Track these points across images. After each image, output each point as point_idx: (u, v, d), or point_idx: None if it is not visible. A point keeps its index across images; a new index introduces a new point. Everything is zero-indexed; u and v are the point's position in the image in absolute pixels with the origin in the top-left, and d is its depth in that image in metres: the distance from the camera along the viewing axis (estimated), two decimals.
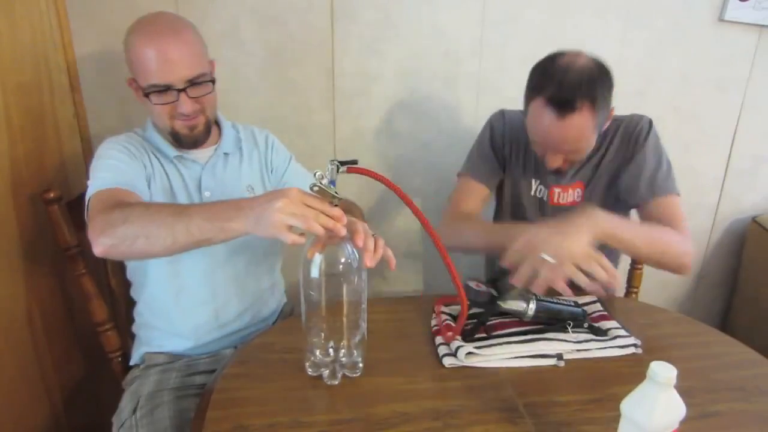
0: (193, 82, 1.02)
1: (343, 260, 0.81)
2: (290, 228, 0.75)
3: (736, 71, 1.68)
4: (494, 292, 0.98)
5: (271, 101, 1.51)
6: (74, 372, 1.37)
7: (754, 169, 1.81)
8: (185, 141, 1.08)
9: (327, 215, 0.75)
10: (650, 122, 1.19)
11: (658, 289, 1.91)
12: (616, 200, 1.24)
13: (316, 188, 0.77)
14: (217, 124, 1.18)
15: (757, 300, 1.79)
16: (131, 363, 1.18)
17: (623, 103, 1.30)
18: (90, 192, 0.98)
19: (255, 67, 1.47)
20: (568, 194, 1.25)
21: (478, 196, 1.29)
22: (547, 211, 1.28)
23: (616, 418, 0.67)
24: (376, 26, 1.49)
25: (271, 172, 1.23)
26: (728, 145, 1.77)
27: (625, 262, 1.45)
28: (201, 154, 1.13)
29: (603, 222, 0.99)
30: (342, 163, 0.80)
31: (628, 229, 1.04)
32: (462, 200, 1.29)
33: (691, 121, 1.71)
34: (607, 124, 1.14)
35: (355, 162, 0.82)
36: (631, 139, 1.19)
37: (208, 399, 0.83)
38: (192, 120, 1.06)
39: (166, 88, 1.01)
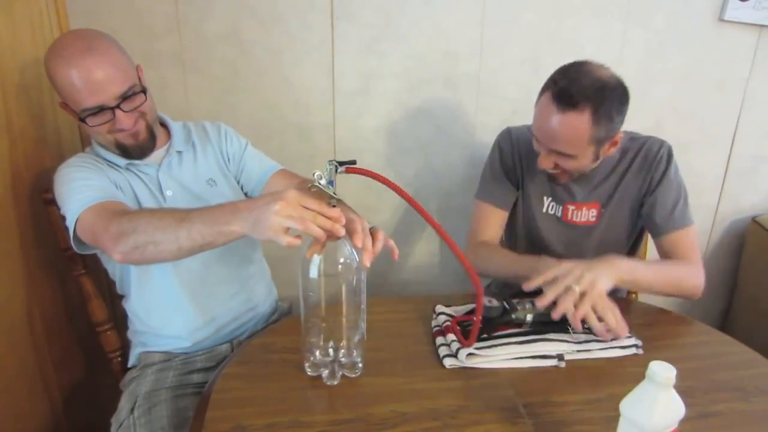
0: (125, 97, 1.00)
1: (342, 260, 0.81)
2: (287, 230, 0.75)
3: (736, 71, 1.68)
4: (506, 305, 0.99)
5: (271, 101, 1.51)
6: (74, 372, 1.37)
7: (754, 169, 1.81)
8: (133, 152, 1.07)
9: (325, 216, 0.75)
10: (670, 150, 1.20)
11: None
12: (636, 223, 1.26)
13: (314, 189, 0.77)
14: (164, 125, 1.18)
15: (757, 300, 1.79)
16: (129, 365, 1.18)
17: None
18: (75, 213, 0.97)
19: (255, 67, 1.47)
20: (582, 213, 1.25)
21: (498, 222, 1.31)
22: (561, 228, 1.28)
23: (616, 418, 0.67)
24: (376, 26, 1.49)
25: (229, 161, 1.22)
26: (728, 145, 1.77)
27: None
28: (153, 156, 1.12)
29: (624, 269, 1.04)
30: (340, 164, 0.80)
31: (645, 273, 1.09)
32: (483, 228, 1.30)
33: (691, 121, 1.71)
34: (612, 150, 1.13)
35: (353, 162, 0.81)
36: (652, 165, 1.19)
37: (208, 399, 0.83)
38: (133, 129, 1.04)
39: (99, 109, 0.99)
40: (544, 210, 1.28)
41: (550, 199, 1.27)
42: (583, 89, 1.02)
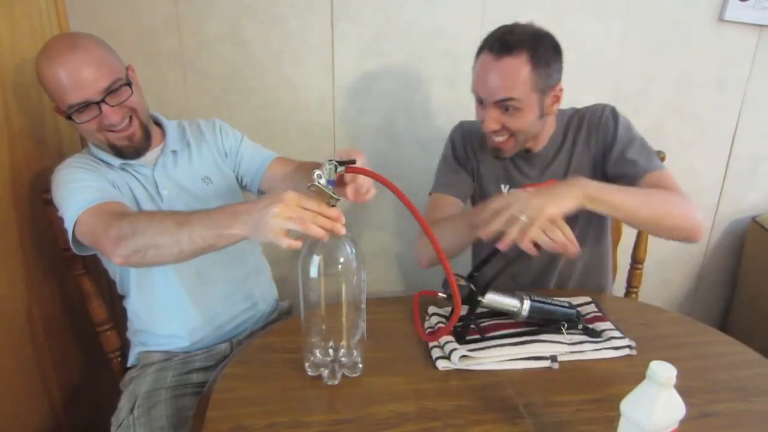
0: (109, 91, 0.99)
1: (342, 260, 0.81)
2: (288, 232, 0.75)
3: (736, 71, 1.68)
4: (473, 287, 0.95)
5: (271, 101, 1.51)
6: (74, 372, 1.37)
7: (754, 169, 1.81)
8: (127, 152, 1.07)
9: (325, 216, 0.75)
10: (614, 109, 1.17)
11: (658, 289, 1.91)
12: None
13: (313, 188, 0.77)
14: (159, 124, 1.18)
15: (757, 300, 1.79)
16: (128, 365, 1.18)
17: (623, 103, 1.31)
18: (73, 216, 0.96)
19: (255, 67, 1.47)
20: None
21: (451, 209, 1.23)
22: None
23: (616, 417, 0.67)
24: (376, 26, 1.49)
25: (226, 155, 1.23)
26: (728, 145, 1.77)
27: (625, 260, 1.46)
28: (147, 156, 1.12)
29: (588, 187, 0.95)
30: (340, 163, 0.80)
31: (619, 191, 0.99)
32: (435, 216, 1.22)
33: (691, 121, 1.71)
34: (554, 107, 1.12)
35: (353, 162, 0.82)
36: (599, 129, 1.16)
37: (208, 399, 0.83)
38: (126, 130, 1.04)
39: (85, 105, 0.99)
40: None
41: (507, 186, 1.24)
42: (517, 36, 1.05)
